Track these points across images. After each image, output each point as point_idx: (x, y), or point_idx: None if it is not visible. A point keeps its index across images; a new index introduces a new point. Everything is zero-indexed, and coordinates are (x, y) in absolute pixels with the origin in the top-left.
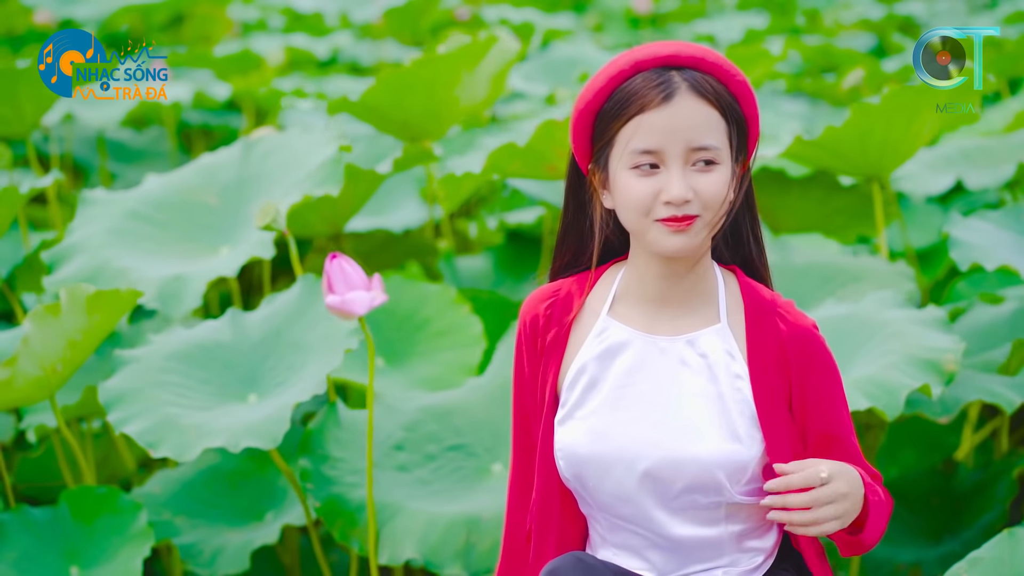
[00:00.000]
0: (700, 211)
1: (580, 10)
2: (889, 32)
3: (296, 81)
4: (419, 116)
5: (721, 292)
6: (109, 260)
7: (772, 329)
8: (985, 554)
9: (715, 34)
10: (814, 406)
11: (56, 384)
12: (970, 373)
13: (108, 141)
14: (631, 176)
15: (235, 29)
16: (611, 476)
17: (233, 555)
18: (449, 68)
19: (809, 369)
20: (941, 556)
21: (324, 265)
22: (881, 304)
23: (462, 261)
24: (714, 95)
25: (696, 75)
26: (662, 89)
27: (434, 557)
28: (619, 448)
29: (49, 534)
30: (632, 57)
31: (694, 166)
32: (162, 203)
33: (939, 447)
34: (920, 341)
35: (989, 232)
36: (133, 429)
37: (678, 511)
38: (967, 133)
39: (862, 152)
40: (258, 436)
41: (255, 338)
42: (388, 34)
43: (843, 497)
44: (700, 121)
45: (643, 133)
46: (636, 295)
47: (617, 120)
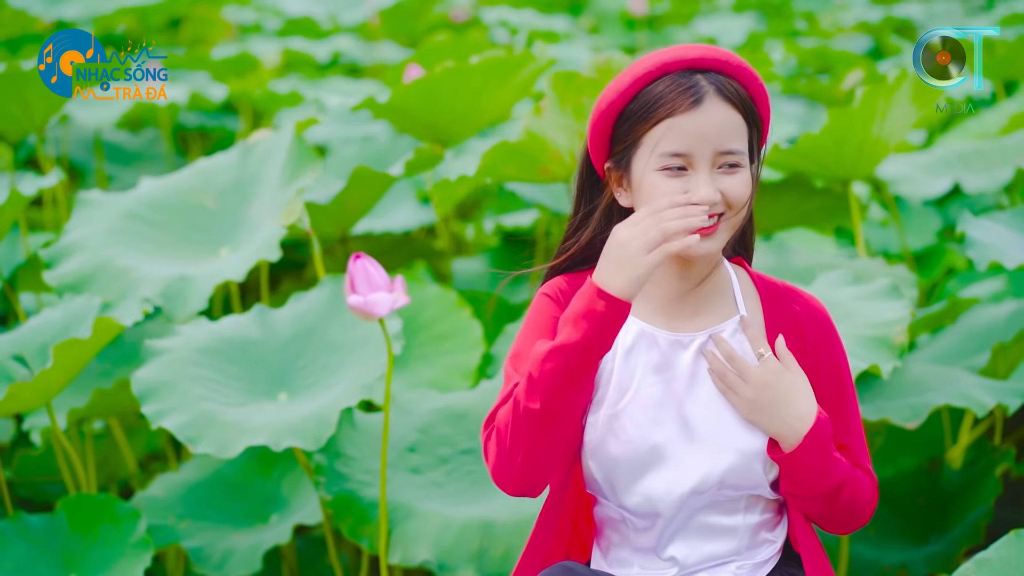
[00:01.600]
0: (724, 211)
1: (576, 12)
2: (886, 34)
3: (292, 83)
4: (446, 120)
5: (735, 284)
6: (110, 259)
7: (789, 314)
8: (993, 555)
9: (713, 36)
10: (827, 384)
11: (55, 391)
12: (949, 372)
13: (104, 143)
14: (659, 177)
15: (232, 32)
16: (645, 476)
17: (244, 557)
18: (481, 78)
19: (823, 349)
20: (927, 556)
21: (347, 265)
22: (831, 284)
23: (458, 263)
24: (738, 99)
25: (721, 79)
26: (692, 93)
27: (448, 560)
28: (653, 448)
29: (46, 542)
30: (659, 59)
31: (719, 168)
32: (160, 205)
33: (933, 449)
34: (868, 318)
35: (1001, 232)
36: (171, 423)
37: (706, 505)
38: (962, 136)
39: (837, 157)
40: (301, 437)
41: (285, 336)
42: (384, 36)
43: (765, 386)
44: (727, 126)
45: (673, 136)
46: (655, 294)
47: (644, 122)
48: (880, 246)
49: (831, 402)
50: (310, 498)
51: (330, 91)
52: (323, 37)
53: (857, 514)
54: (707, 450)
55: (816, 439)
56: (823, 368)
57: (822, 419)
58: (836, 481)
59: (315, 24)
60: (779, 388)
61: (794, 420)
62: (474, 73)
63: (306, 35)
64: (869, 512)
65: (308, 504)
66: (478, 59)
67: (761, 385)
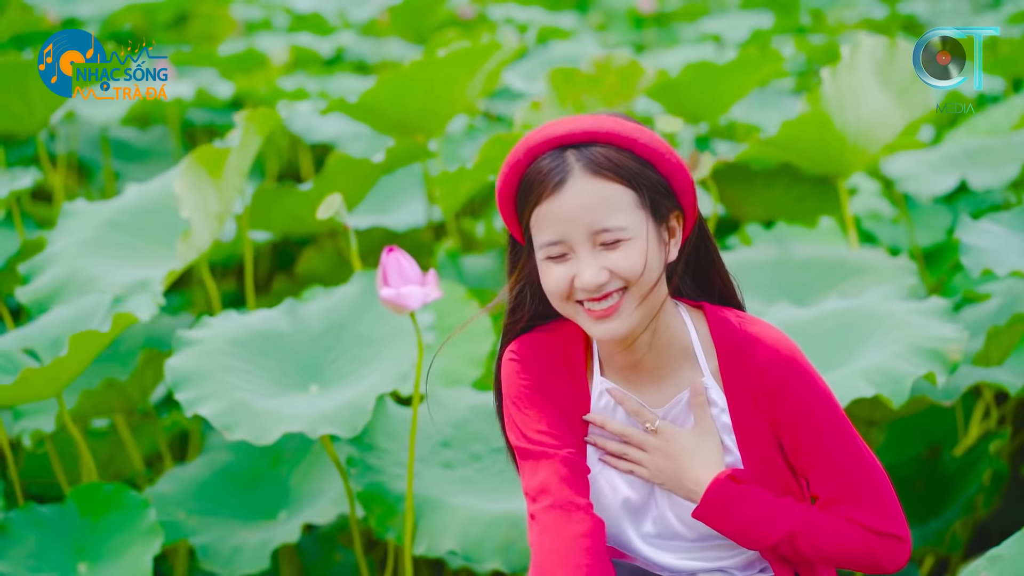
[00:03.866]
0: (623, 284)
1: (583, 9)
2: (892, 31)
3: (300, 80)
4: (416, 115)
5: (696, 343)
6: (80, 269)
7: (748, 370)
8: (1005, 551)
9: (720, 33)
10: (797, 431)
11: (64, 382)
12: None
13: (112, 140)
14: (546, 266)
15: (239, 28)
16: (623, 529)
17: (252, 554)
18: (449, 70)
19: (789, 396)
20: (922, 534)
21: (380, 258)
22: (883, 297)
23: (467, 260)
24: (613, 169)
25: (593, 151)
26: (555, 175)
27: (474, 551)
28: (624, 502)
29: (57, 531)
30: (527, 143)
31: (601, 246)
32: (139, 211)
33: (937, 438)
34: (924, 331)
35: (1000, 235)
36: (207, 411)
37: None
38: (971, 132)
39: (822, 148)
40: (337, 424)
41: (316, 330)
42: (392, 32)
43: (662, 454)
44: (598, 201)
45: (543, 225)
46: (613, 363)
47: (524, 210)
48: (890, 243)
49: (805, 451)
50: (320, 493)
51: (336, 88)
52: (331, 33)
53: (848, 563)
54: (670, 506)
55: (714, 503)
56: (787, 416)
57: (718, 484)
58: (775, 535)
59: (324, 20)
60: (672, 455)
61: (691, 484)
62: (441, 66)
63: (315, 31)
64: (869, 560)
65: (318, 499)
66: (445, 52)
67: (657, 454)
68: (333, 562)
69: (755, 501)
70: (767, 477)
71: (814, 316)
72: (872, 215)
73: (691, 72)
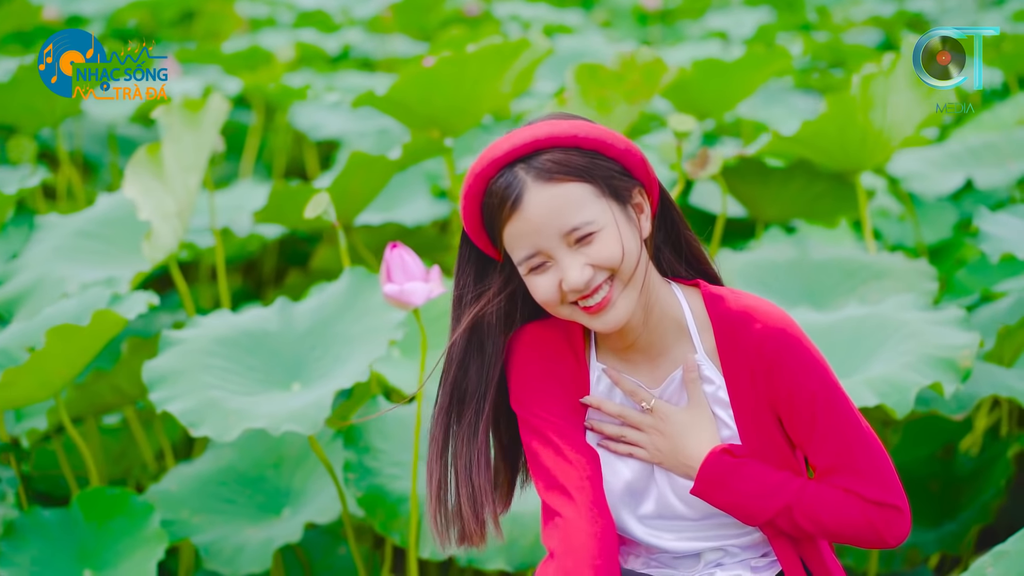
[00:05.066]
0: (609, 273)
1: (588, 6)
2: (898, 29)
3: (306, 77)
4: (444, 111)
5: (690, 320)
6: (50, 271)
7: (744, 344)
8: (1010, 548)
9: (725, 30)
10: (794, 405)
11: (56, 381)
12: (980, 366)
13: (118, 137)
14: (531, 279)
15: (244, 26)
16: (625, 512)
17: (255, 553)
18: (478, 67)
19: (784, 369)
20: (939, 537)
21: (384, 254)
22: (901, 306)
23: None
24: (563, 170)
25: (540, 159)
26: (509, 194)
27: (477, 552)
28: (625, 486)
29: (62, 536)
30: (473, 171)
31: (576, 245)
32: (108, 220)
33: (945, 437)
34: (937, 340)
35: (1016, 225)
36: (175, 408)
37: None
38: (976, 129)
39: (842, 146)
40: (299, 421)
41: (302, 328)
42: (397, 29)
43: (659, 433)
44: (559, 204)
45: (515, 243)
46: (610, 346)
47: (494, 236)
48: (896, 240)
49: (804, 423)
50: (323, 491)
51: (342, 85)
52: (336, 31)
53: (848, 536)
54: (670, 485)
55: (709, 477)
56: (785, 389)
57: (713, 458)
58: (771, 509)
59: (328, 17)
60: (668, 433)
61: (687, 459)
62: (471, 62)
63: (320, 28)
64: (869, 532)
65: (320, 496)
66: (475, 47)
67: (654, 433)
68: (337, 556)
69: (751, 474)
70: (765, 452)
71: (832, 322)
72: (879, 212)
73: (700, 69)
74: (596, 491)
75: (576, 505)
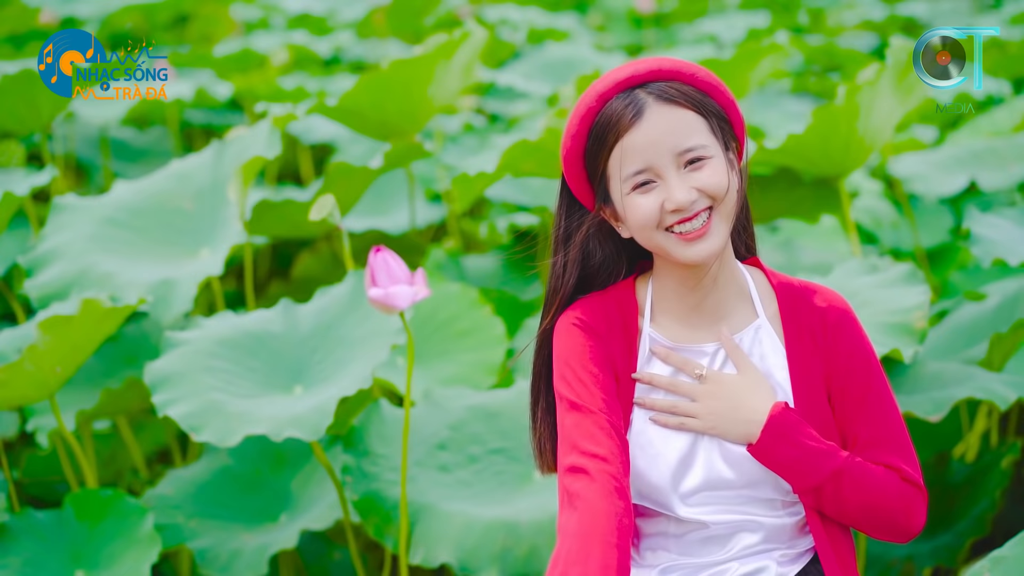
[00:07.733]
0: (710, 203)
1: (583, 10)
2: (890, 33)
3: (298, 80)
4: (396, 115)
5: (752, 288)
6: (92, 265)
7: (807, 315)
8: (1008, 552)
9: (718, 33)
10: (851, 377)
11: (56, 385)
12: (962, 368)
13: (111, 140)
14: (633, 198)
15: (238, 29)
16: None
17: (250, 559)
18: (424, 67)
19: (843, 342)
20: (933, 548)
21: (368, 258)
22: (850, 273)
23: (468, 260)
24: (682, 97)
25: (659, 85)
26: (632, 109)
27: (470, 560)
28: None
29: (54, 538)
30: (595, 91)
31: (687, 168)
32: (137, 209)
33: (938, 443)
34: (887, 305)
35: (1008, 229)
36: (176, 412)
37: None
38: (973, 133)
39: (825, 154)
40: (302, 427)
41: (305, 331)
42: (390, 33)
43: (714, 396)
44: (677, 125)
45: (629, 156)
46: (672, 309)
47: (602, 153)
48: (893, 244)
49: (856, 396)
50: (321, 496)
51: (334, 88)
52: (328, 34)
53: (884, 515)
54: (719, 451)
55: (775, 430)
56: (843, 361)
57: (779, 411)
58: (825, 471)
59: (322, 21)
60: (725, 396)
61: (750, 415)
62: (419, 64)
63: (313, 31)
64: (903, 512)
65: (319, 502)
66: (420, 49)
67: (709, 398)
68: (332, 560)
69: (810, 434)
70: (814, 421)
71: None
72: (874, 217)
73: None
74: (621, 477)
75: (598, 487)
